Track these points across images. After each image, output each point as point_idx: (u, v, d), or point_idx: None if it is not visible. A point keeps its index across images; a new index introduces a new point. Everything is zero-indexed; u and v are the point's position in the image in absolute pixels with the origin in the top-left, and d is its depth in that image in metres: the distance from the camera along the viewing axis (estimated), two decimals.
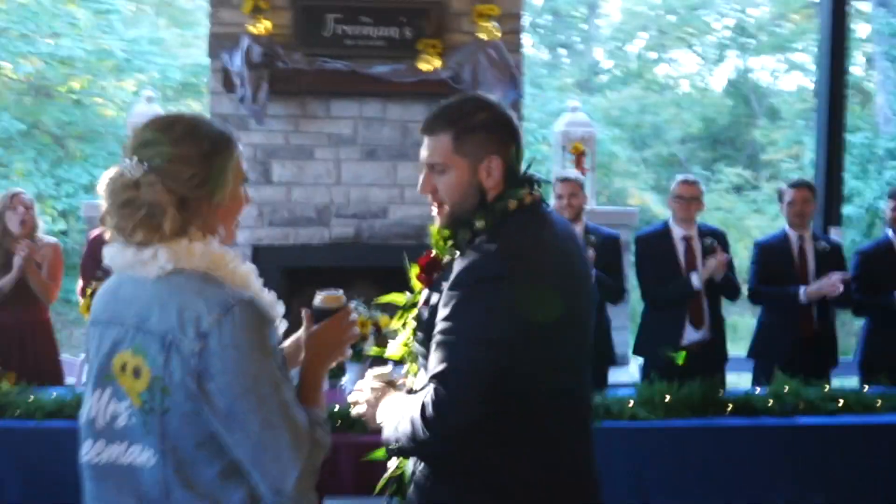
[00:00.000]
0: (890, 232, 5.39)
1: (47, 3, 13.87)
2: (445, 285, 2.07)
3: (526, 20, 20.06)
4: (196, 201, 1.85)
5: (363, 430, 3.64)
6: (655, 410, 4.03)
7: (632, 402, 4.08)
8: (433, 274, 2.23)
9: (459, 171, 2.18)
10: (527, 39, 20.86)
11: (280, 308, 1.94)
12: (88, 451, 1.86)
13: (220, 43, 6.22)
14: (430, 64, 6.11)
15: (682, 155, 18.63)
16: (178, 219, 1.81)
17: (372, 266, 6.25)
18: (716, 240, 5.07)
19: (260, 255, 6.31)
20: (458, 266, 2.07)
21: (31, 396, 3.89)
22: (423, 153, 2.26)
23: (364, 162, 6.37)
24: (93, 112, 14.61)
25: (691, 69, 21.02)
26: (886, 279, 5.19)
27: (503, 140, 2.18)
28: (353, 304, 2.37)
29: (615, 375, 5.82)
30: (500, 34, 6.18)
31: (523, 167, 2.26)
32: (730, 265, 5.13)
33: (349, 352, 2.13)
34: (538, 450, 2.04)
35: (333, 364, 2.08)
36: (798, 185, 5.36)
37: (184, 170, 1.83)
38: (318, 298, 2.08)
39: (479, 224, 2.14)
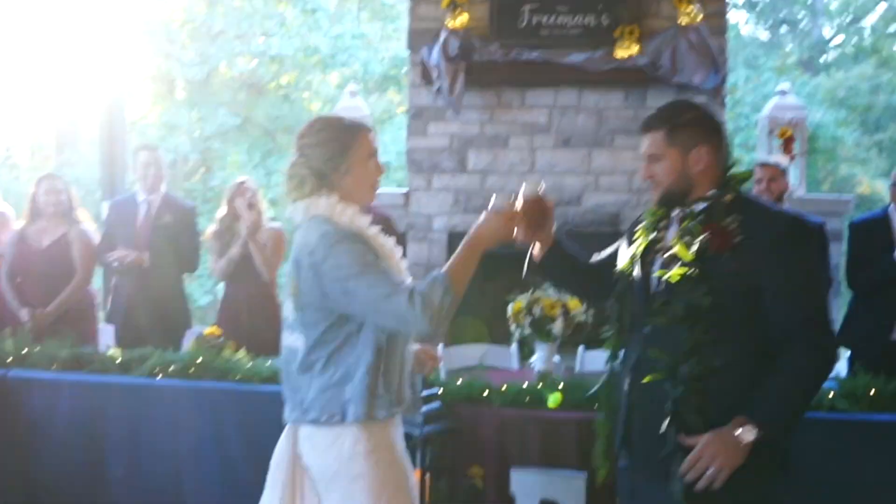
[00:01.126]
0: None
1: (259, 5, 15.11)
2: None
3: None
4: (329, 172, 2.78)
5: (550, 407, 4.00)
6: (858, 403, 4.04)
7: (832, 394, 4.11)
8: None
9: (672, 160, 2.71)
10: (742, 18, 20.51)
11: (384, 240, 2.85)
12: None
13: (419, 37, 6.77)
14: (627, 50, 6.37)
15: None
16: (313, 184, 2.78)
17: None
18: None
19: (455, 240, 6.75)
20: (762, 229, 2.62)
21: (250, 363, 4.50)
22: (643, 147, 2.81)
23: (558, 150, 6.72)
24: (300, 106, 15.75)
25: None
26: None
27: (709, 134, 2.73)
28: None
29: None
30: (701, 17, 6.33)
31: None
32: None
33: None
34: None
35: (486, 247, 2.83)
36: None
37: (317, 152, 2.78)
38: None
39: (728, 198, 2.69)
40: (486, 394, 4.13)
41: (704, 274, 2.60)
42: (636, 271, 2.82)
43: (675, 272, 2.64)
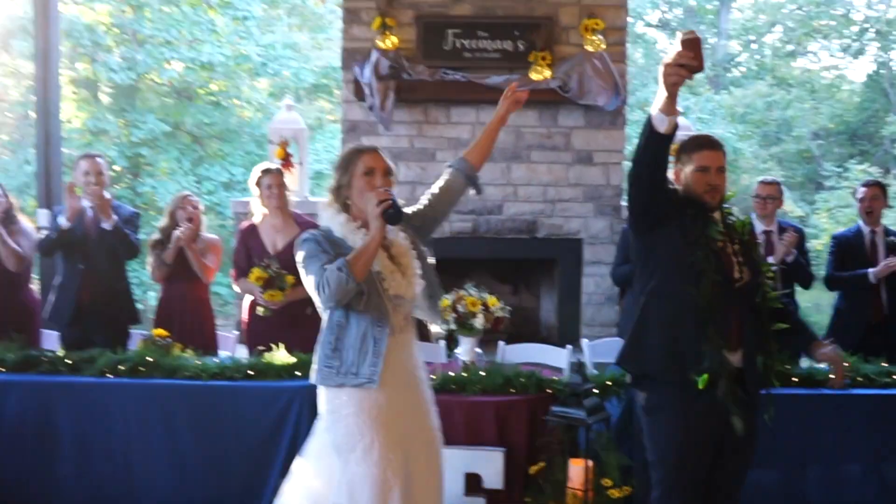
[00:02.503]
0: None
1: (189, 12, 15.33)
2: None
3: (656, 16, 20.38)
4: (338, 189, 3.55)
5: (472, 392, 4.57)
6: None
7: None
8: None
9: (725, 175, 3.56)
10: (659, 36, 21.43)
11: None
12: None
13: (351, 56, 7.29)
14: (540, 74, 7.01)
15: (816, 151, 18.82)
16: (331, 198, 3.57)
17: (488, 257, 7.21)
18: (795, 233, 5.82)
19: None
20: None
21: (199, 361, 4.85)
22: (711, 160, 3.50)
23: None
24: (231, 113, 16.03)
25: (827, 63, 21.09)
26: None
27: None
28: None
29: None
30: (604, 46, 7.03)
31: None
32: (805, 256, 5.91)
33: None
34: None
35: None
36: (869, 185, 6.10)
37: (333, 174, 3.60)
38: None
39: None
40: None
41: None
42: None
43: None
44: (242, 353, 5.60)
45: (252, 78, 16.03)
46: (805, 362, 5.19)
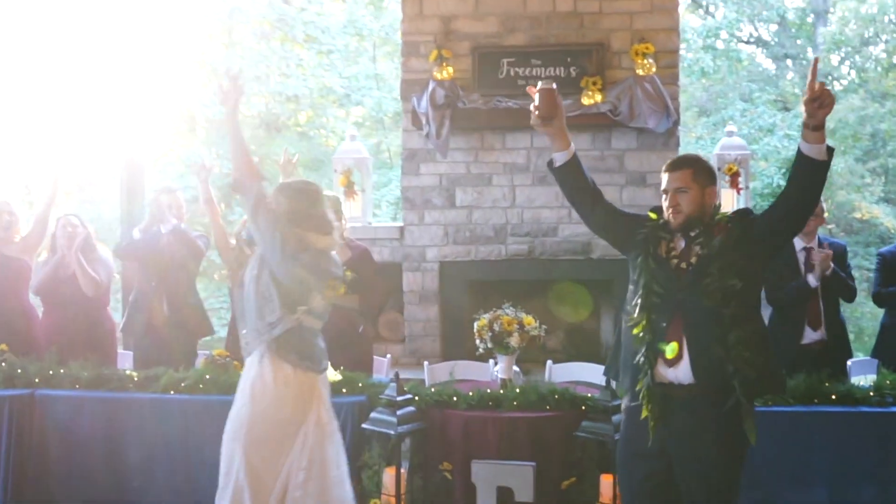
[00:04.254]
0: None
1: (277, 47, 15.94)
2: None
3: (747, 31, 20.06)
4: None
5: (507, 409, 4.76)
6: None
7: None
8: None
9: (694, 192, 3.57)
10: (754, 51, 21.12)
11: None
12: None
13: (410, 87, 7.61)
14: (591, 98, 7.20)
15: None
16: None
17: (544, 279, 7.38)
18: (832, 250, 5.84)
19: (446, 269, 7.62)
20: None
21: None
22: (669, 183, 3.62)
23: (536, 186, 7.53)
24: (317, 143, 16.55)
25: None
26: None
27: (714, 179, 3.67)
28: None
29: None
30: (655, 69, 7.16)
31: None
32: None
33: None
34: None
35: None
36: None
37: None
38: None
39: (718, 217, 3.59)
40: (454, 399, 4.87)
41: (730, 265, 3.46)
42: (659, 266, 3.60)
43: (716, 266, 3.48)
44: None
45: (338, 108, 16.52)
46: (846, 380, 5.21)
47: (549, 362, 5.92)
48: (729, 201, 7.27)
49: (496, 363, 5.51)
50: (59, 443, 5.11)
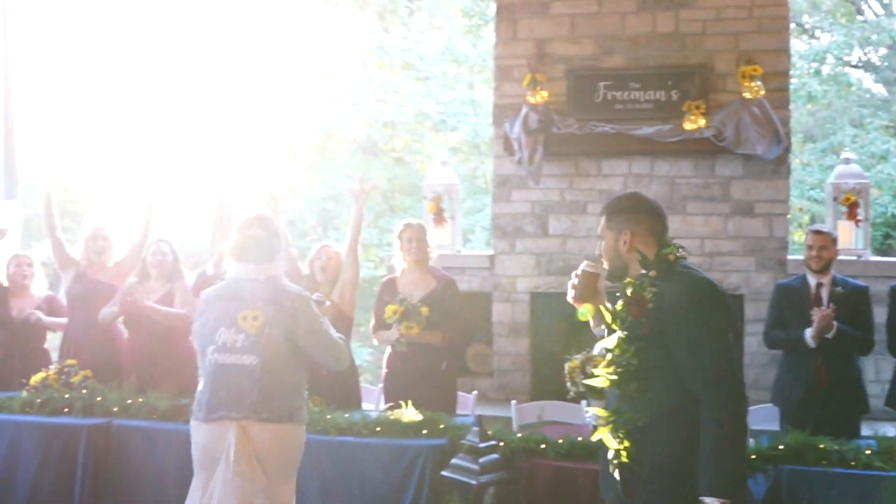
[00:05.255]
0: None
1: (374, 74, 15.87)
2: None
3: (856, 55, 19.27)
4: None
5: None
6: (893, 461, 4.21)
7: (869, 451, 4.29)
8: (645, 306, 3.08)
9: (608, 240, 3.21)
10: (863, 75, 20.17)
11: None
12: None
13: (503, 112, 7.27)
14: (694, 123, 6.71)
15: None
16: None
17: None
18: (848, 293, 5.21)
19: (537, 301, 7.20)
20: (670, 296, 2.97)
21: (329, 415, 4.85)
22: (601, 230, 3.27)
23: None
24: (413, 168, 16.39)
25: None
26: None
27: (637, 222, 3.14)
28: None
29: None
30: (763, 91, 6.64)
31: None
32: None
33: None
34: None
35: None
36: None
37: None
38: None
39: (652, 272, 3.05)
40: (543, 446, 4.47)
41: (631, 338, 3.00)
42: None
43: (608, 339, 3.08)
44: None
45: (434, 133, 16.35)
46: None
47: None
48: (847, 234, 6.69)
49: (588, 403, 5.09)
50: (134, 475, 4.93)
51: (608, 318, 3.09)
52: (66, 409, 5.15)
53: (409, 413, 4.85)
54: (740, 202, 6.92)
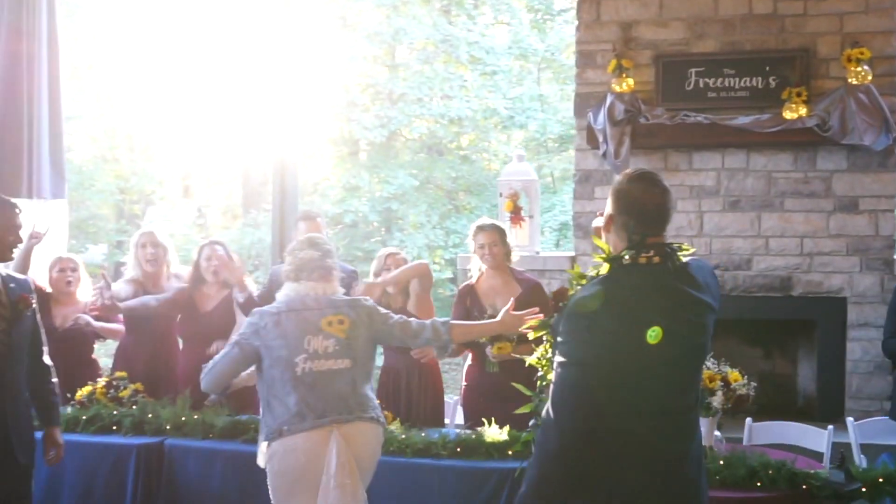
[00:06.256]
0: None
1: (441, 69, 15.49)
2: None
3: None
4: None
5: (710, 486, 3.85)
6: None
7: None
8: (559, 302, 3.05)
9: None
10: None
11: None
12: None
13: (585, 102, 6.80)
14: (795, 112, 6.19)
15: None
16: None
17: (735, 318, 6.35)
18: None
19: None
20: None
21: (404, 434, 4.46)
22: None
23: (727, 213, 6.56)
24: (479, 167, 15.97)
25: None
26: None
27: (617, 207, 2.82)
28: None
29: None
30: (871, 77, 6.10)
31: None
32: None
33: None
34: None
35: None
36: None
37: None
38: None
39: (602, 270, 2.80)
40: None
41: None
42: None
43: None
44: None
45: (500, 131, 15.91)
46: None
47: (748, 420, 4.96)
48: None
49: None
50: (189, 500, 4.58)
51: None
52: (114, 427, 4.81)
53: (492, 432, 4.44)
54: (843, 198, 6.37)
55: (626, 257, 2.73)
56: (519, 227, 6.95)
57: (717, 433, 4.49)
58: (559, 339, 2.72)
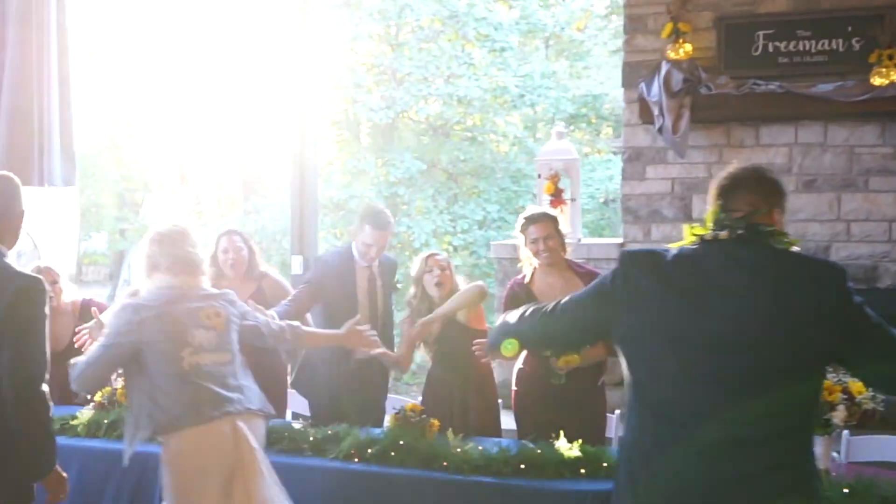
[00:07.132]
0: None
1: (447, 47, 14.72)
2: None
3: None
4: None
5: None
6: None
7: None
8: None
9: None
10: None
11: None
12: None
13: (635, 72, 6.07)
14: (885, 77, 5.44)
15: None
16: None
17: None
18: None
19: None
20: None
21: (459, 448, 3.86)
22: None
23: (801, 194, 5.84)
24: (486, 148, 15.23)
25: None
26: None
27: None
28: None
29: None
30: None
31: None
32: None
33: None
34: None
35: None
36: None
37: None
38: None
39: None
40: None
41: None
42: None
43: None
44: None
45: (508, 112, 15.15)
46: None
47: (844, 434, 4.21)
48: None
49: None
50: None
51: None
52: None
53: (561, 445, 3.77)
54: None
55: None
56: (560, 212, 6.17)
57: (834, 454, 3.88)
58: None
